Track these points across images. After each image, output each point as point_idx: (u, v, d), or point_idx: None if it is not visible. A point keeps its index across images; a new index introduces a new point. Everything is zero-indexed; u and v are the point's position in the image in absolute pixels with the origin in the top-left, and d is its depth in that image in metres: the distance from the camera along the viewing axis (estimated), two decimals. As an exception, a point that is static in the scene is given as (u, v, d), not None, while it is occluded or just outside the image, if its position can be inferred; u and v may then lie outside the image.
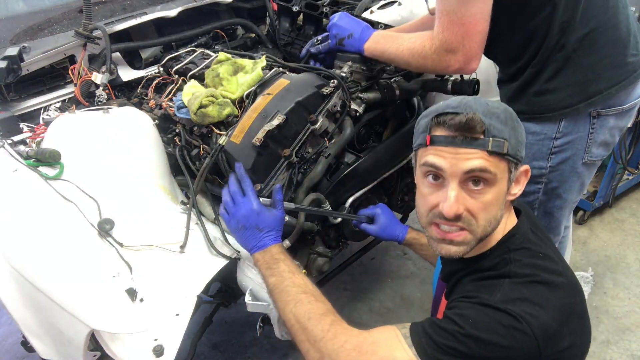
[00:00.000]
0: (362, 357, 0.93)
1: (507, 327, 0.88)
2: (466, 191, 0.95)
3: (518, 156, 0.97)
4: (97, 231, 1.13)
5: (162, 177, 1.38)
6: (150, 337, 1.04)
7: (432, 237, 1.02)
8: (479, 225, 0.96)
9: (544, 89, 1.35)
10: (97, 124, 1.39)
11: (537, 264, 0.97)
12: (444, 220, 0.97)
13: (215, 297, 1.67)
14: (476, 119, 0.92)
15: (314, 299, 1.06)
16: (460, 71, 1.27)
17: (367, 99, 1.47)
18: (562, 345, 0.91)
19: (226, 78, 1.47)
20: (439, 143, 0.96)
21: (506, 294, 0.92)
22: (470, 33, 1.19)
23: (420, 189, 1.03)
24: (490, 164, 0.93)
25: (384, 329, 0.98)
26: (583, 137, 1.40)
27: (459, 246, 0.98)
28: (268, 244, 1.18)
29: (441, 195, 0.96)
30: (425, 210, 1.01)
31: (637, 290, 2.43)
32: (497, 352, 0.88)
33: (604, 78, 1.33)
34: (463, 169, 0.93)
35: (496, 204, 0.96)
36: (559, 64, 1.32)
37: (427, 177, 0.99)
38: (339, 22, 1.47)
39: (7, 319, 2.42)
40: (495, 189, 0.95)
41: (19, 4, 1.92)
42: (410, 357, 0.92)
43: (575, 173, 1.46)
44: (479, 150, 0.93)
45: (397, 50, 1.34)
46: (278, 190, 1.24)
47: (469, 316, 0.91)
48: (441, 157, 0.95)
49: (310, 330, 1.00)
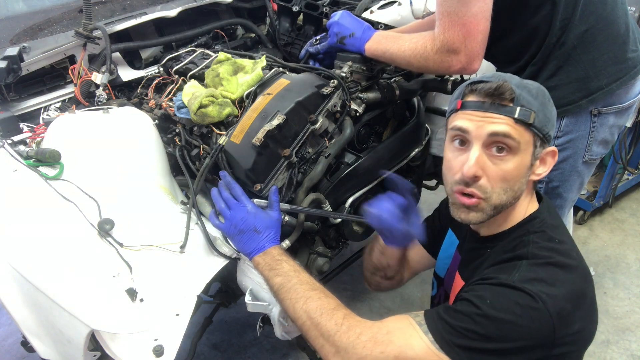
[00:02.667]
0: (378, 347, 0.94)
1: (524, 307, 0.89)
2: (488, 156, 0.98)
3: (545, 131, 1.00)
4: (97, 231, 1.13)
5: (162, 177, 1.38)
6: (150, 337, 1.04)
7: (454, 203, 1.04)
8: (493, 192, 0.98)
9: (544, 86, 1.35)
10: (97, 124, 1.39)
11: (553, 247, 0.99)
12: (464, 186, 0.99)
13: (215, 297, 1.67)
14: (506, 87, 0.96)
15: (324, 295, 1.07)
16: (462, 71, 1.27)
17: (367, 99, 1.47)
18: (573, 329, 0.92)
19: (226, 78, 1.47)
20: (468, 107, 1.00)
21: (524, 274, 0.94)
22: (472, 33, 1.19)
23: (446, 155, 1.06)
24: (515, 132, 0.96)
25: (397, 318, 1.00)
26: (584, 135, 1.40)
27: (477, 212, 1.00)
28: (267, 246, 1.18)
29: (464, 158, 0.99)
30: (450, 175, 1.04)
31: (637, 290, 2.43)
32: (515, 332, 0.89)
33: (605, 74, 1.33)
34: (487, 132, 0.96)
35: (516, 175, 0.99)
36: (560, 62, 1.32)
37: (454, 141, 1.03)
38: (341, 21, 1.47)
39: (7, 319, 2.42)
40: (518, 159, 0.98)
41: (19, 4, 1.92)
42: (426, 344, 0.93)
43: (575, 172, 1.46)
44: (505, 116, 0.96)
45: (398, 51, 1.34)
46: (275, 192, 1.24)
47: (485, 297, 0.92)
48: (468, 120, 0.99)
49: (323, 325, 1.00)
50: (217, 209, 1.25)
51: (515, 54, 1.38)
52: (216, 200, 1.26)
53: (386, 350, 0.94)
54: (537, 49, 1.33)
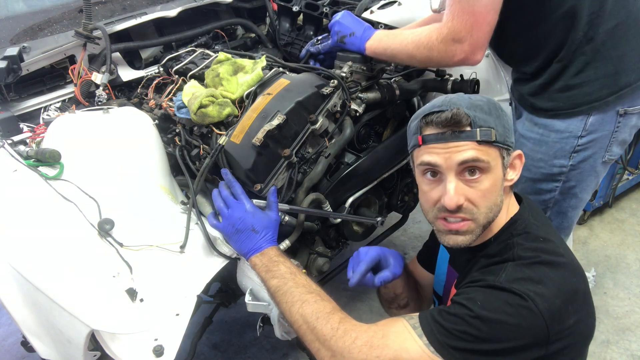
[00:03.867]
0: (373, 352, 0.95)
1: (513, 306, 0.90)
2: (464, 182, 1.00)
3: (507, 142, 1.02)
4: (97, 231, 1.13)
5: (162, 177, 1.38)
6: (150, 337, 1.04)
7: (439, 231, 1.06)
8: (480, 213, 1.01)
9: (571, 84, 1.32)
10: (97, 124, 1.39)
11: (538, 247, 1.00)
12: (448, 213, 1.01)
13: (215, 297, 1.67)
14: (461, 113, 0.98)
15: (320, 298, 1.07)
16: (465, 61, 1.26)
17: (367, 99, 1.47)
18: (567, 324, 0.93)
19: (226, 78, 1.47)
20: (430, 141, 1.01)
21: (510, 274, 0.95)
22: (480, 23, 1.19)
23: (421, 188, 1.08)
24: (481, 153, 0.98)
25: (392, 321, 1.00)
26: (607, 135, 1.38)
27: (465, 235, 1.02)
28: (264, 247, 1.18)
29: (441, 189, 1.01)
30: (429, 206, 1.05)
31: (637, 290, 2.43)
32: (507, 331, 0.90)
33: (634, 70, 1.31)
34: (457, 161, 0.98)
35: (494, 191, 1.01)
36: (588, 57, 1.29)
37: (426, 175, 1.05)
38: (341, 20, 1.47)
39: (7, 319, 2.42)
40: (492, 175, 1.00)
41: (19, 4, 1.92)
42: (421, 347, 0.93)
43: (594, 172, 1.44)
44: (468, 142, 0.98)
45: (400, 45, 1.33)
46: (273, 192, 1.24)
47: (476, 299, 0.93)
48: (434, 154, 1.00)
49: (319, 330, 1.00)
50: (216, 207, 1.25)
51: (534, 50, 1.35)
52: (215, 199, 1.26)
53: (382, 355, 0.94)
54: (561, 45, 1.30)
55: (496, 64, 1.84)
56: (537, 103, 1.40)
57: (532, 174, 1.47)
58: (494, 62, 1.84)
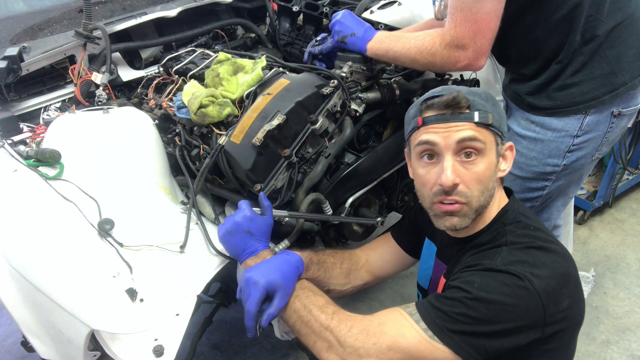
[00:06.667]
0: (370, 339, 0.95)
1: (511, 286, 0.92)
2: (460, 163, 1.02)
3: (502, 129, 1.07)
4: (97, 231, 1.13)
5: (162, 177, 1.38)
6: (150, 337, 1.04)
7: (436, 215, 1.08)
8: (473, 196, 1.03)
9: (568, 82, 1.34)
10: (97, 124, 1.39)
11: (530, 234, 1.04)
12: (444, 195, 1.03)
13: (215, 297, 1.67)
14: (461, 96, 1.03)
15: (312, 293, 1.08)
16: (468, 67, 1.27)
17: (367, 99, 1.47)
18: (562, 306, 0.95)
19: (226, 78, 1.47)
20: (430, 122, 1.05)
21: (505, 258, 0.98)
22: (482, 30, 1.20)
23: (417, 172, 1.10)
24: (479, 134, 1.02)
25: (388, 311, 1.01)
26: (600, 135, 1.40)
27: (461, 217, 1.04)
28: (259, 249, 1.18)
29: (438, 170, 1.04)
30: (426, 190, 1.07)
31: (637, 290, 2.43)
32: (506, 312, 0.91)
33: (629, 69, 1.33)
34: (455, 139, 1.01)
35: (488, 175, 1.04)
36: (585, 57, 1.31)
37: (422, 157, 1.07)
38: (343, 20, 1.46)
39: (7, 319, 2.42)
40: (486, 159, 1.03)
41: (19, 4, 1.92)
42: (419, 333, 0.94)
43: (583, 170, 1.48)
44: (467, 122, 1.02)
45: (403, 49, 1.33)
46: (264, 197, 1.23)
47: (474, 281, 0.95)
48: (434, 133, 1.04)
49: (313, 322, 1.01)
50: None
51: (534, 52, 1.37)
52: None
53: (379, 342, 0.95)
54: (560, 47, 1.32)
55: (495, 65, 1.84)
56: (535, 102, 1.41)
57: (524, 172, 1.49)
58: (493, 62, 1.84)
